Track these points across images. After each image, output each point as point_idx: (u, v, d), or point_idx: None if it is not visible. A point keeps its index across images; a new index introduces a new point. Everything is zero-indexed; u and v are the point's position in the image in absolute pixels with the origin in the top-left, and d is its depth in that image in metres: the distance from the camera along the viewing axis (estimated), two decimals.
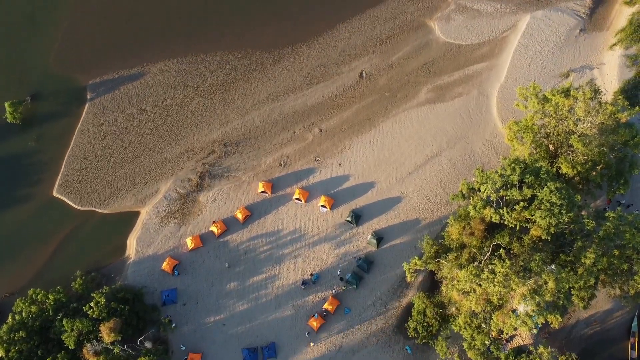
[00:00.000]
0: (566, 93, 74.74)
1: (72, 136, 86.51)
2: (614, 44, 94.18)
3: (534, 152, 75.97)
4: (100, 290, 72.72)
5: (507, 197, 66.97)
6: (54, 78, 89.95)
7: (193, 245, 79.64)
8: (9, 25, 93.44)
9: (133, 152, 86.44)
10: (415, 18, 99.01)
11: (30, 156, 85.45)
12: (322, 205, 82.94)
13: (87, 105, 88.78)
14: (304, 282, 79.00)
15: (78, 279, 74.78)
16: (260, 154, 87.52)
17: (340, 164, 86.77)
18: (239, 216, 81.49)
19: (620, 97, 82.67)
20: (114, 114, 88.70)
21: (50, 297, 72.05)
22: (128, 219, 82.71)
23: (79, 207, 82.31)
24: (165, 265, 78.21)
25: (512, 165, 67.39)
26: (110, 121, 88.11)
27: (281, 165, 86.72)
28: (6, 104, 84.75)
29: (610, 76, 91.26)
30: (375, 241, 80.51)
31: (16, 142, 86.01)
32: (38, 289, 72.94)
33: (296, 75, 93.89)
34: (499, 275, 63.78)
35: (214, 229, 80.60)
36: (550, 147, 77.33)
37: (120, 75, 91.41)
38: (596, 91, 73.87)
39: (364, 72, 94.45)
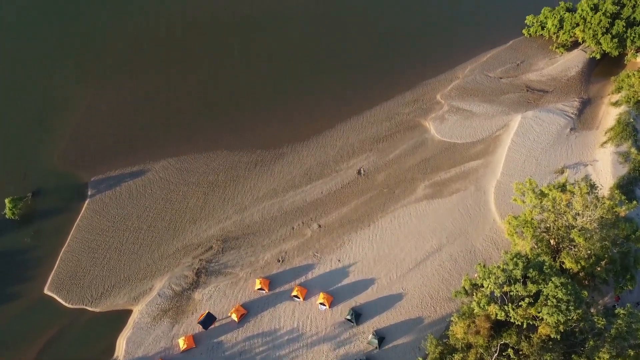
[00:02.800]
0: (562, 188, 75.60)
1: (70, 232, 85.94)
2: (605, 142, 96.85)
3: (535, 246, 74.96)
4: None
5: (511, 293, 64.89)
6: (57, 175, 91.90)
7: (185, 346, 75.64)
8: (19, 124, 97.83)
9: (130, 248, 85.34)
10: (411, 118, 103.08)
11: (25, 252, 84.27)
12: (320, 303, 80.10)
13: (87, 202, 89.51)
14: None
15: None
16: (258, 250, 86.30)
17: (339, 260, 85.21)
18: (235, 315, 78.35)
19: (616, 191, 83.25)
20: (114, 210, 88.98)
21: None
22: (119, 318, 79.27)
23: (70, 306, 79.38)
24: None
25: (514, 260, 66.14)
26: (109, 217, 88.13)
27: (279, 261, 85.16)
28: (6, 200, 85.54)
29: (604, 172, 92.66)
30: (376, 341, 76.53)
31: (12, 238, 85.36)
32: None
33: (295, 172, 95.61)
34: None
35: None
36: (552, 241, 76.42)
37: (122, 173, 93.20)
38: (592, 186, 74.73)
39: (362, 169, 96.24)
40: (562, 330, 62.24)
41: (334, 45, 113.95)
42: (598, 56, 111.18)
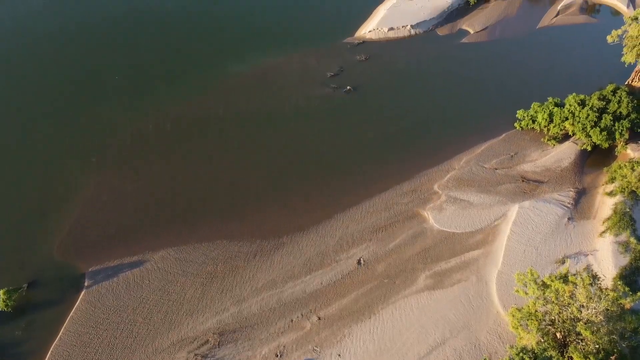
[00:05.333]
0: (564, 279, 74.86)
1: (63, 325, 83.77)
2: (604, 232, 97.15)
3: (542, 340, 72.70)
4: None
5: None
6: (55, 265, 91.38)
7: None
8: (20, 215, 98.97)
9: (123, 342, 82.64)
10: (409, 208, 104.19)
11: (14, 346, 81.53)
12: None
13: (83, 293, 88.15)
14: None
15: None
16: (256, 344, 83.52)
17: (339, 355, 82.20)
18: None
19: (619, 282, 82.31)
20: (110, 302, 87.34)
21: None
22: None
23: None
24: None
25: (520, 355, 64.33)
26: (104, 309, 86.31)
27: (277, 356, 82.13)
28: (1, 292, 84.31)
29: (606, 262, 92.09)
30: None
31: (3, 331, 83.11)
32: None
33: (295, 262, 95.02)
34: None
35: None
36: (558, 335, 74.32)
37: (120, 263, 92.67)
38: (594, 277, 74.07)
39: (361, 259, 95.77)
40: None
41: (333, 138, 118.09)
42: (589, 148, 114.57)
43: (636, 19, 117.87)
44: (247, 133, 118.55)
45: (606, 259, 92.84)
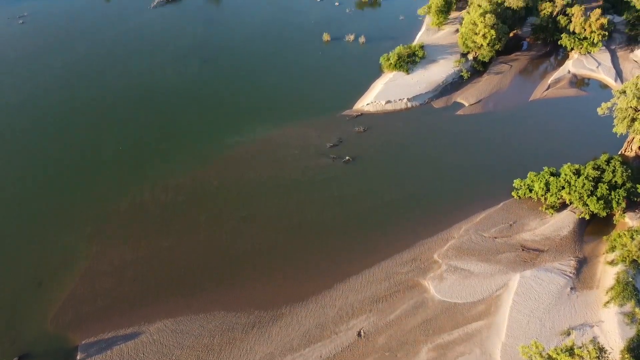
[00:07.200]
0: (571, 351, 73.02)
1: None
2: (608, 302, 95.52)
3: None
4: None
5: None
6: (47, 338, 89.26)
7: None
8: (17, 287, 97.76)
9: None
10: (410, 278, 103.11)
11: None
12: None
13: None
14: None
15: None
16: None
17: None
18: None
19: (627, 355, 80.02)
20: None
21: None
22: None
23: None
24: None
25: None
26: None
27: None
28: None
29: (612, 334, 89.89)
30: None
31: None
32: None
33: (294, 334, 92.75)
34: None
35: None
36: None
37: (115, 335, 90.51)
38: (601, 349, 72.39)
39: (362, 330, 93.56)
40: None
41: (332, 207, 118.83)
42: (587, 217, 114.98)
43: (624, 92, 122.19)
44: (247, 203, 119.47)
45: (612, 331, 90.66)
